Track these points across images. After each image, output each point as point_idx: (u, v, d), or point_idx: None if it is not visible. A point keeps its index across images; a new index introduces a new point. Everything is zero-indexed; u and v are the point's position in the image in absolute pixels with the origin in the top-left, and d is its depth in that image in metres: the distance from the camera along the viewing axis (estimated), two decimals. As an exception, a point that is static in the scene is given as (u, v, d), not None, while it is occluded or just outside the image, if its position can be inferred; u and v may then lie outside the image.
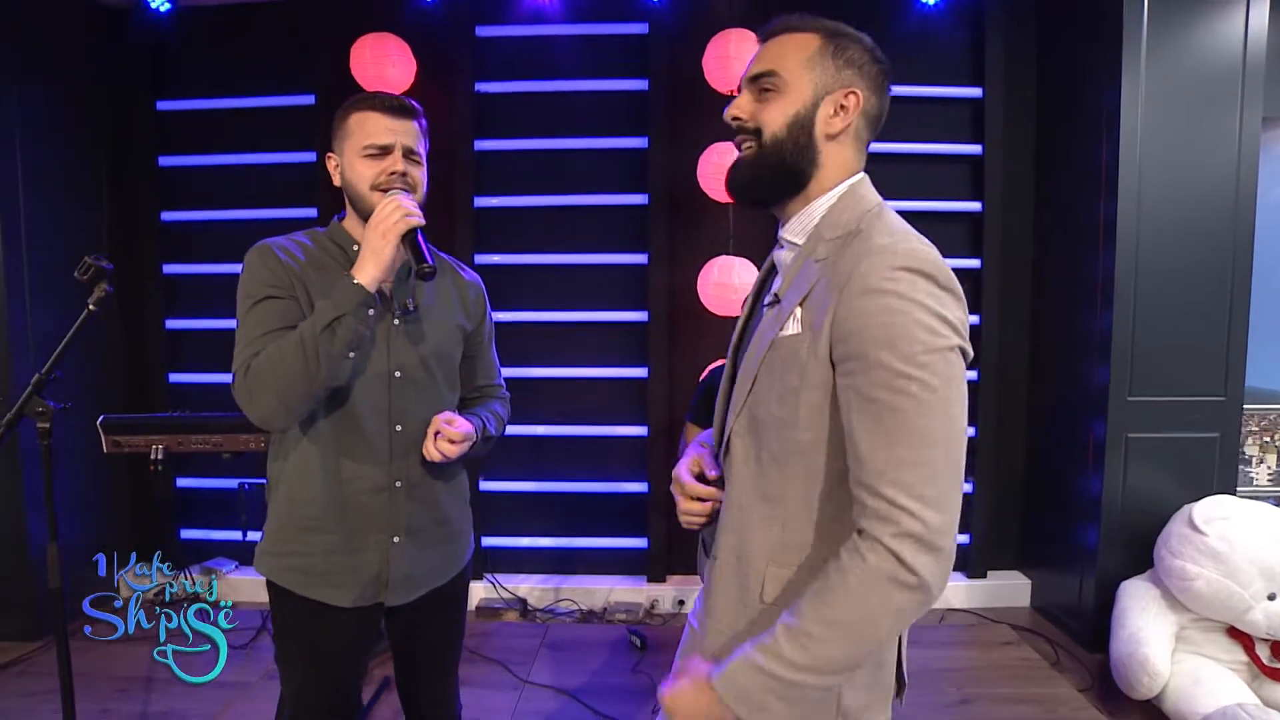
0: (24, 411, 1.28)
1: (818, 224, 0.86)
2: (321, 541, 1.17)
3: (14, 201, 2.62)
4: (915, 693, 2.11)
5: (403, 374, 1.20)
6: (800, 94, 0.84)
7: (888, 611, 0.71)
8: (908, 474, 0.70)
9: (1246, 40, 2.39)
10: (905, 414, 0.70)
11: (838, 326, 0.75)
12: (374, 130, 1.16)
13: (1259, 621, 2.06)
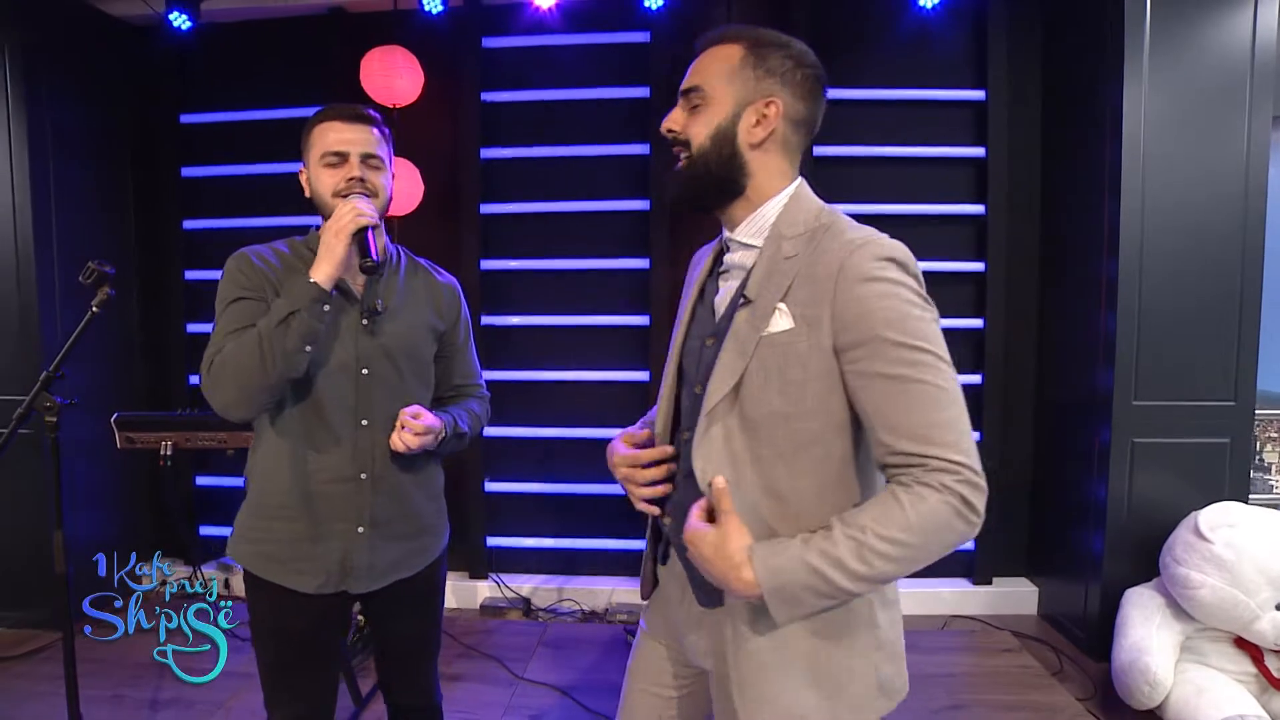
0: (34, 405, 1.35)
1: (774, 225, 0.89)
2: (287, 529, 1.23)
3: (46, 211, 2.76)
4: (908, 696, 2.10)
5: (369, 371, 1.25)
6: (722, 106, 0.88)
7: (946, 540, 0.79)
8: (946, 433, 0.77)
9: (1255, 38, 2.35)
10: (926, 383, 0.78)
11: (838, 317, 0.81)
12: (332, 139, 1.22)
13: (1266, 632, 2.01)
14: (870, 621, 0.88)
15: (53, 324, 2.80)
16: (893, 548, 0.76)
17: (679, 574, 0.98)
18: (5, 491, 2.77)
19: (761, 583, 0.78)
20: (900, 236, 2.60)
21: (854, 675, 0.87)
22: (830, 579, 0.76)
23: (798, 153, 0.93)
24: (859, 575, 0.76)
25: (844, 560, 0.76)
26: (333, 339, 1.24)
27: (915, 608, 2.90)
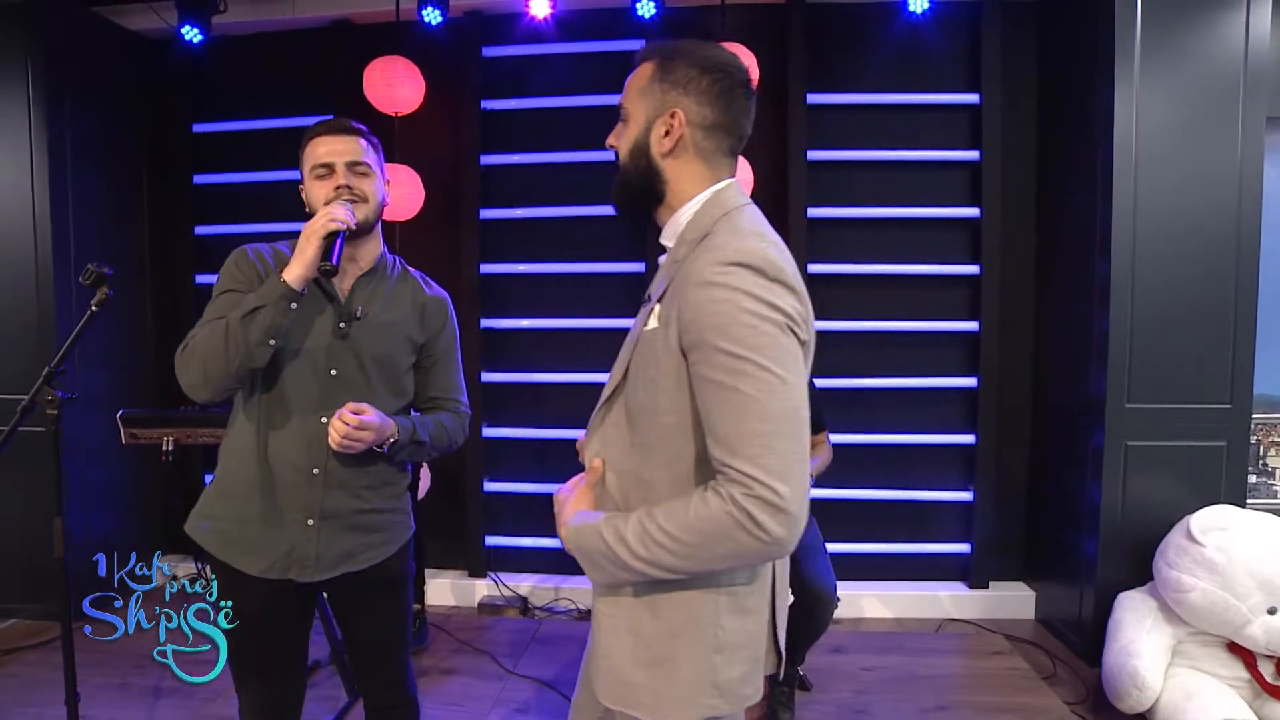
0: (35, 399, 1.42)
1: (683, 229, 0.94)
2: (240, 510, 1.28)
3: (64, 219, 2.87)
4: (890, 696, 2.12)
5: (338, 373, 1.30)
6: (638, 122, 0.95)
7: (729, 549, 0.79)
8: (750, 446, 0.77)
9: (1248, 41, 2.34)
10: (744, 393, 0.78)
11: (681, 318, 0.84)
12: (321, 152, 1.30)
13: (1257, 636, 1.99)
14: (712, 623, 0.90)
15: (69, 326, 2.89)
16: (670, 541, 0.80)
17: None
18: (19, 490, 2.87)
19: (568, 539, 0.89)
20: (896, 240, 2.65)
21: (683, 669, 0.90)
22: (616, 553, 0.83)
23: (719, 155, 0.95)
24: (639, 556, 0.82)
25: (628, 540, 0.83)
26: (307, 337, 1.29)
27: (910, 610, 2.90)
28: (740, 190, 0.95)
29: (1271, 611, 1.99)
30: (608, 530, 0.85)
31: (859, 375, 2.95)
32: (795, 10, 2.88)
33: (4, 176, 2.81)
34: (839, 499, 2.97)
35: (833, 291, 2.94)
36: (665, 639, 0.90)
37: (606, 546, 0.85)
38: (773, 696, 2.08)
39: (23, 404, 1.44)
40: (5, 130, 2.80)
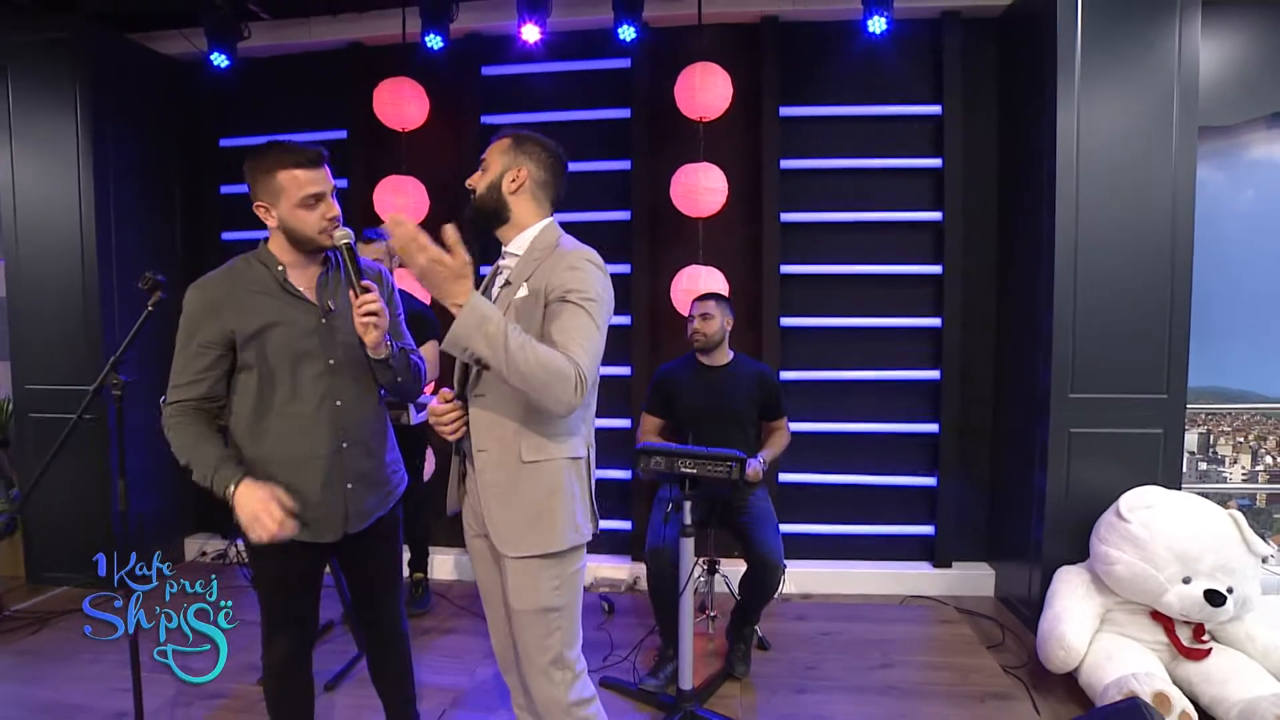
0: (104, 382, 1.70)
1: (531, 243, 1.41)
2: (299, 499, 1.46)
3: (107, 228, 3.18)
4: (841, 657, 2.36)
5: (335, 361, 1.54)
6: (494, 170, 1.43)
7: (553, 384, 1.22)
8: (579, 342, 1.28)
9: (1180, 57, 2.51)
10: (584, 316, 1.30)
11: (549, 286, 1.33)
12: (306, 184, 1.46)
13: (1173, 603, 2.19)
14: (569, 490, 1.39)
15: (112, 325, 3.21)
16: (531, 358, 1.20)
17: (469, 473, 1.45)
18: (79, 472, 3.19)
19: (470, 304, 1.19)
20: (862, 242, 2.99)
21: (555, 515, 1.37)
22: (493, 335, 1.18)
23: (545, 201, 1.47)
24: (508, 349, 1.19)
25: (510, 336, 1.20)
26: (299, 339, 1.51)
27: (878, 587, 3.12)
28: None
29: (1186, 581, 2.19)
30: (498, 319, 1.21)
31: (830, 369, 3.17)
32: (768, 30, 3.10)
33: (56, 191, 3.13)
34: (812, 483, 3.20)
35: (804, 290, 3.17)
36: (543, 500, 1.36)
37: (491, 329, 1.19)
38: (731, 651, 2.32)
39: (93, 386, 1.72)
40: (57, 150, 3.12)
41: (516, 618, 1.39)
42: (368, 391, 1.59)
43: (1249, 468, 3.08)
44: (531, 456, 1.35)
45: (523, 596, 1.37)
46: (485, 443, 1.38)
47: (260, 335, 1.49)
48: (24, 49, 3.11)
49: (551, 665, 1.38)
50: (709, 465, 1.85)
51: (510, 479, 1.36)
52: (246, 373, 1.52)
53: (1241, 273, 2.99)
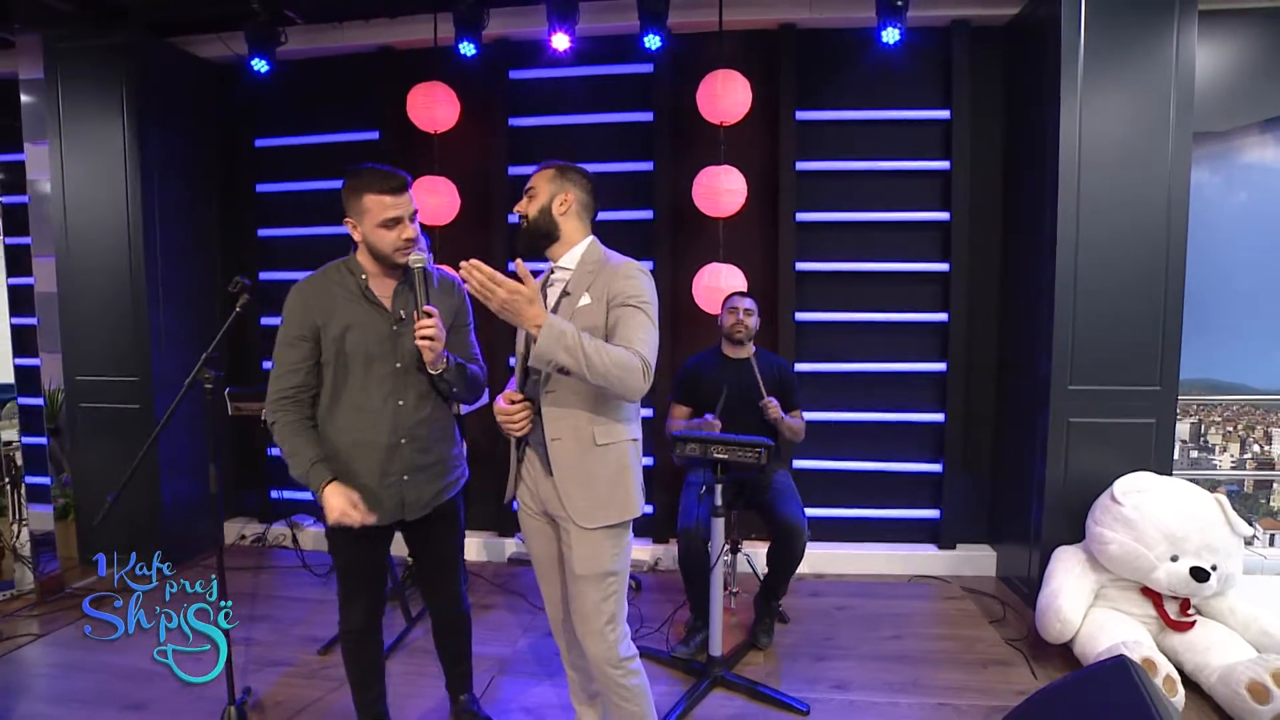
0: (197, 377, 1.86)
1: (580, 257, 1.60)
2: (356, 484, 1.65)
3: (152, 227, 3.33)
4: (855, 629, 2.54)
5: (402, 364, 1.71)
6: (544, 195, 1.61)
7: (626, 377, 1.42)
8: (640, 338, 1.47)
9: (1177, 65, 2.66)
10: (642, 316, 1.51)
11: (609, 293, 1.53)
12: (390, 208, 1.64)
13: (1161, 579, 2.37)
14: (634, 468, 1.60)
15: (157, 319, 3.37)
16: (609, 359, 1.40)
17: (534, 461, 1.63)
18: (121, 459, 3.34)
19: (546, 323, 1.37)
20: (873, 240, 3.21)
21: (626, 490, 1.58)
22: (576, 346, 1.38)
23: (587, 220, 1.67)
24: (589, 355, 1.38)
25: (585, 344, 1.39)
26: (373, 341, 1.69)
27: (885, 568, 3.30)
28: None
29: (1174, 559, 2.37)
30: (573, 333, 1.40)
31: (842, 361, 3.34)
32: (786, 37, 3.24)
33: (104, 191, 3.28)
34: (825, 469, 3.38)
35: (818, 286, 3.33)
36: (611, 477, 1.56)
37: (570, 342, 1.38)
38: (756, 623, 2.51)
39: (188, 380, 1.88)
40: (105, 151, 3.26)
41: (579, 583, 1.56)
42: (430, 393, 1.75)
43: (1238, 455, 3.26)
44: (604, 440, 1.55)
45: (588, 563, 1.55)
46: (559, 432, 1.55)
47: (340, 334, 1.68)
48: (74, 55, 3.24)
49: (606, 625, 1.56)
50: (739, 450, 2.03)
51: (586, 461, 1.54)
52: (326, 366, 1.70)
53: (1234, 271, 3.15)
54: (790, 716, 2.07)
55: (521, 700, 2.18)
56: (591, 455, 1.54)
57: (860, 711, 2.10)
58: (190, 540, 3.60)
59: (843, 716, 2.07)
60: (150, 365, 3.33)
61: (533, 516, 1.69)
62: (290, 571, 3.31)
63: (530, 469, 1.65)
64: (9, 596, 3.02)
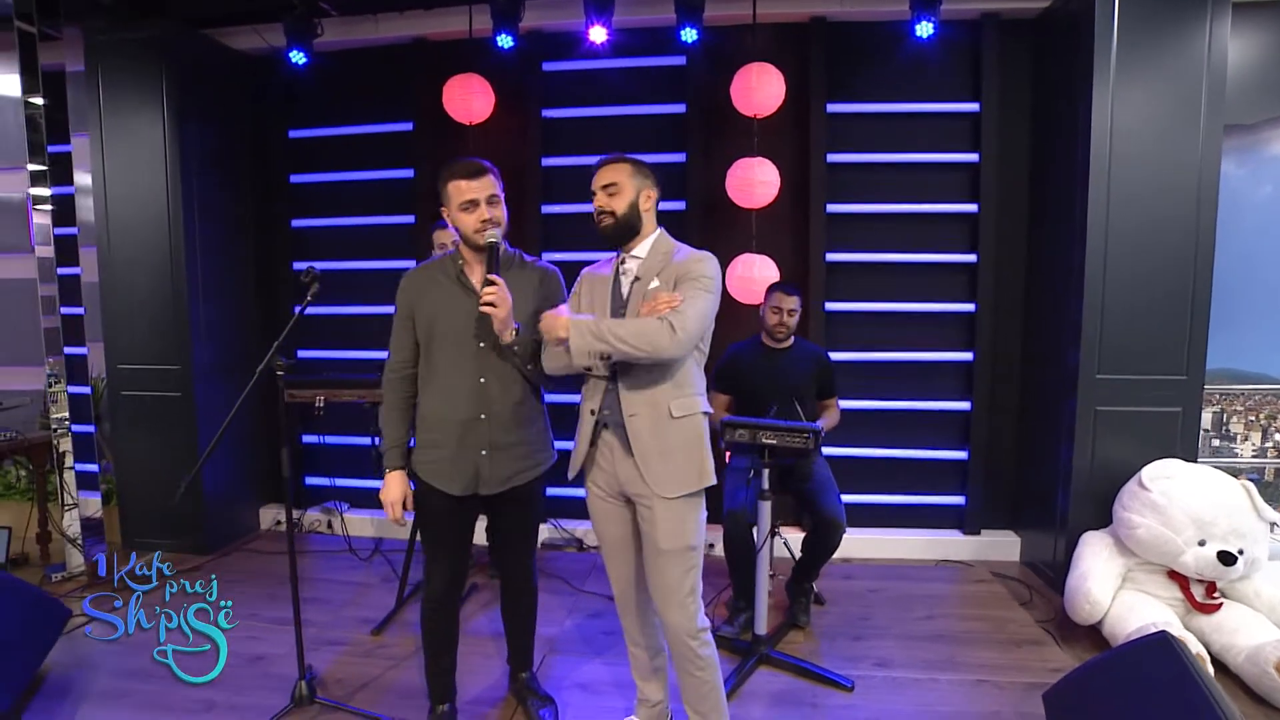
0: (269, 365, 1.93)
1: (651, 247, 1.72)
2: (439, 454, 1.81)
3: (191, 219, 3.38)
4: (888, 609, 2.62)
5: (485, 344, 1.79)
6: (631, 190, 1.69)
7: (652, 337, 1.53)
8: (688, 311, 1.57)
9: (1209, 58, 2.70)
10: (699, 289, 1.61)
11: (680, 276, 1.64)
12: (466, 192, 1.75)
13: (1189, 563, 2.44)
14: (705, 438, 1.69)
15: (197, 309, 3.43)
16: (628, 330, 1.54)
17: (613, 443, 1.70)
18: (159, 447, 3.43)
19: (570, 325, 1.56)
20: (904, 232, 3.29)
21: (702, 458, 1.67)
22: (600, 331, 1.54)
23: (656, 212, 1.76)
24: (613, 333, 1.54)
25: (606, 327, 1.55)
26: (460, 323, 1.78)
27: (912, 552, 3.38)
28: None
29: (1201, 544, 2.44)
30: (596, 321, 1.58)
31: (871, 350, 3.40)
32: (816, 30, 3.28)
33: (144, 182, 3.33)
34: (854, 456, 3.45)
35: (848, 277, 3.39)
36: (688, 449, 1.65)
37: (598, 327, 1.55)
38: (793, 604, 2.59)
39: (260, 368, 1.94)
40: (144, 143, 3.31)
41: (663, 558, 1.63)
42: (516, 376, 1.82)
43: (1259, 444, 3.33)
44: (679, 413, 1.64)
45: (672, 538, 1.62)
46: (635, 408, 1.64)
47: (432, 316, 1.79)
48: (113, 48, 3.28)
49: (688, 596, 1.64)
50: (787, 436, 2.09)
51: (663, 434, 1.64)
52: (422, 345, 1.84)
53: (1258, 263, 3.19)
54: (835, 692, 2.16)
55: (574, 677, 2.26)
56: (669, 428, 1.63)
57: (902, 688, 2.18)
58: (231, 526, 3.69)
59: (886, 692, 2.15)
60: (191, 354, 3.40)
61: (606, 500, 1.76)
62: (331, 556, 3.39)
63: (607, 452, 1.72)
64: (61, 578, 3.11)
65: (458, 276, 1.82)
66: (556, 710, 2.05)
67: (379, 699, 2.12)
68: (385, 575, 3.10)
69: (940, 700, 2.11)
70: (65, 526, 3.18)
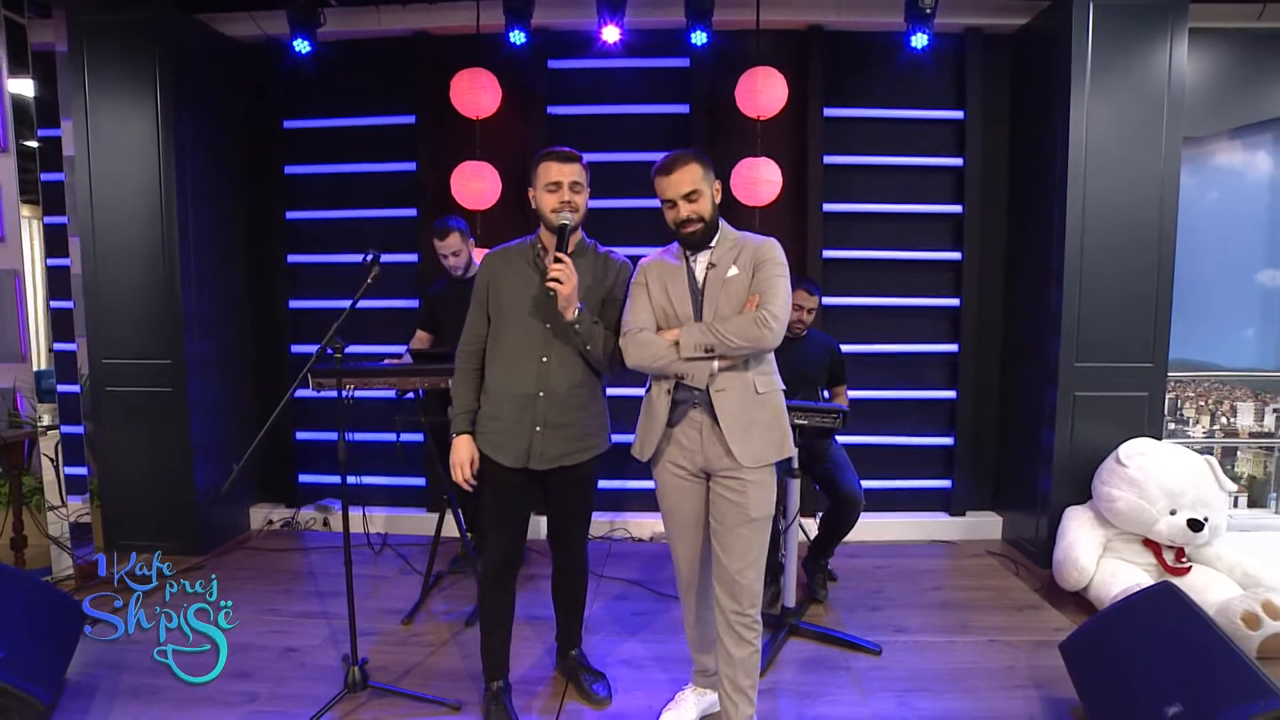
0: (327, 345, 1.92)
1: (720, 238, 1.82)
2: (497, 425, 1.87)
3: (184, 208, 3.27)
4: (896, 583, 2.78)
5: (551, 325, 1.85)
6: (710, 192, 1.79)
7: (753, 334, 1.68)
8: (774, 292, 1.71)
9: (1170, 74, 2.99)
10: (777, 276, 1.74)
11: (756, 263, 1.76)
12: (553, 173, 1.84)
13: (1162, 531, 2.69)
14: (783, 412, 1.81)
15: (190, 302, 3.32)
16: (730, 330, 1.69)
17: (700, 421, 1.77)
18: (152, 444, 3.30)
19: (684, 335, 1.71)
20: (892, 230, 3.49)
21: (783, 430, 1.80)
22: (703, 333, 1.70)
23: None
24: (728, 334, 1.68)
25: (709, 330, 1.70)
26: (527, 302, 1.84)
27: (901, 534, 3.57)
28: None
29: (1173, 513, 2.69)
30: (702, 326, 1.72)
31: (864, 341, 3.58)
32: (815, 37, 3.44)
33: (133, 169, 3.21)
34: (847, 444, 3.59)
35: (843, 273, 3.56)
36: (769, 422, 1.77)
37: (706, 328, 1.71)
38: (811, 581, 2.72)
39: (318, 350, 1.93)
40: (134, 129, 3.19)
41: (749, 526, 1.72)
42: (577, 359, 1.88)
43: (1208, 427, 3.67)
44: (763, 389, 1.76)
45: (761, 506, 1.73)
46: (725, 384, 1.73)
47: (503, 294, 1.87)
48: (101, 29, 3.16)
49: (761, 560, 1.75)
50: (817, 417, 2.22)
51: (750, 409, 1.74)
52: (493, 322, 1.91)
53: (1204, 262, 3.54)
54: (863, 656, 2.29)
55: (616, 654, 2.33)
56: (754, 402, 1.74)
57: (924, 649, 2.34)
58: (222, 527, 3.57)
59: (909, 654, 2.31)
60: (184, 347, 3.29)
61: (686, 479, 1.82)
62: (332, 552, 3.33)
63: (693, 431, 1.77)
64: (47, 581, 2.96)
65: (534, 260, 1.89)
66: (608, 683, 2.11)
67: (426, 684, 2.13)
68: (399, 569, 3.08)
69: (959, 659, 2.28)
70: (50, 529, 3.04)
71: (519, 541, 1.97)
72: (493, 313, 1.90)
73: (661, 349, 1.73)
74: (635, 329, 1.78)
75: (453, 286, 2.99)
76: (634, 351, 1.76)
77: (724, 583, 1.75)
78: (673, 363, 1.72)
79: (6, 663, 1.70)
